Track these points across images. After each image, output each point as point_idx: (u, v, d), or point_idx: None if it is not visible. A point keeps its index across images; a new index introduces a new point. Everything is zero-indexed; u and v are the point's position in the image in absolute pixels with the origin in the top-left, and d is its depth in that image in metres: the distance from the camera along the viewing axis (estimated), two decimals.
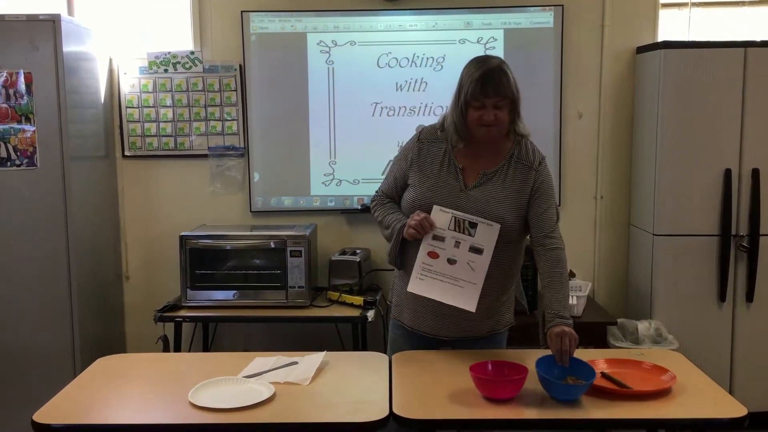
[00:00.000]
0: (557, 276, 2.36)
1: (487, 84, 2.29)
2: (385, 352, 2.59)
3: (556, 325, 2.25)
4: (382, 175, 3.53)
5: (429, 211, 2.38)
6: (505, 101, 2.32)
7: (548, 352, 2.25)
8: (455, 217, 2.35)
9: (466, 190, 2.41)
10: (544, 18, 3.94)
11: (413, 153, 2.49)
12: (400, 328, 2.59)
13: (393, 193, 2.57)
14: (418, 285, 2.37)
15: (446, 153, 2.45)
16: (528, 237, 2.48)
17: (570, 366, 2.17)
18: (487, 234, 2.33)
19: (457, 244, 2.34)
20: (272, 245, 3.59)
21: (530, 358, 2.26)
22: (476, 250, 2.33)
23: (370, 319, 3.45)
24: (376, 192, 2.64)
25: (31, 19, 3.38)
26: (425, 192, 2.43)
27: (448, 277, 2.35)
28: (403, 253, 2.47)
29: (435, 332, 2.50)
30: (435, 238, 2.35)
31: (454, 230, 2.34)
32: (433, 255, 2.36)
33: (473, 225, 2.34)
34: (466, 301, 2.32)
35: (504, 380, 2.12)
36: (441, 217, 2.36)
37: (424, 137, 2.51)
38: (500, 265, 2.41)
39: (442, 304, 2.39)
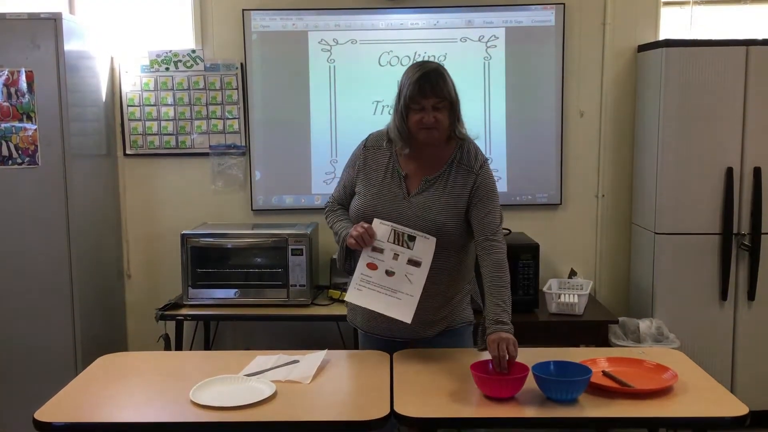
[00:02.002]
0: (498, 280, 2.36)
1: (424, 85, 2.33)
2: None
3: (494, 331, 2.26)
4: None
5: (371, 221, 2.41)
6: (444, 103, 2.36)
7: (544, 356, 2.25)
8: (395, 230, 2.38)
9: (409, 197, 2.44)
10: (546, 16, 3.93)
11: (360, 161, 2.54)
12: (357, 331, 2.65)
13: (343, 199, 2.60)
14: (356, 295, 2.40)
15: (390, 160, 2.49)
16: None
17: (567, 369, 2.16)
18: (425, 247, 2.36)
19: (396, 256, 2.37)
20: (273, 244, 3.60)
21: (531, 357, 2.26)
22: (414, 263, 2.36)
23: None
24: (329, 198, 2.66)
25: (33, 18, 3.39)
26: (369, 200, 2.47)
27: (386, 289, 2.37)
28: (352, 260, 2.49)
29: (389, 334, 2.51)
30: (374, 249, 2.39)
31: (393, 242, 2.38)
32: (372, 266, 2.39)
33: (412, 238, 2.37)
34: (403, 312, 2.35)
35: (505, 379, 2.12)
36: (381, 229, 2.39)
37: (370, 144, 2.56)
38: (448, 271, 2.45)
39: None
